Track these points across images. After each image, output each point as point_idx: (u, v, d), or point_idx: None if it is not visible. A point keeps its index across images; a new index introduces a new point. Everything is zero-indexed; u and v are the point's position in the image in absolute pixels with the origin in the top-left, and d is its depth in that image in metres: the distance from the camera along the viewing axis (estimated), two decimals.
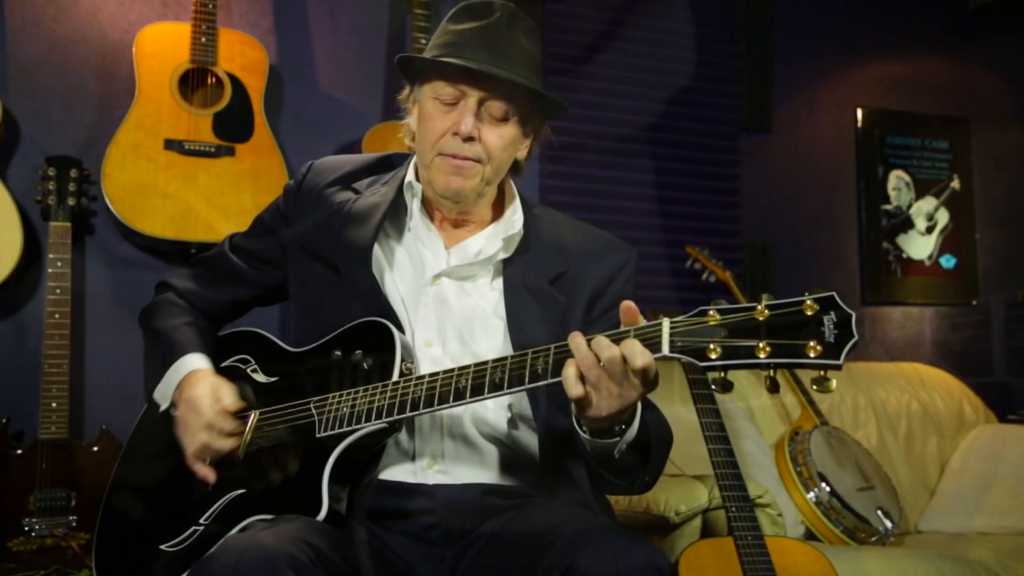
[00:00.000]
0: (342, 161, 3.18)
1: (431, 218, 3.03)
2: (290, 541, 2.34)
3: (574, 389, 2.33)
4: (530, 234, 3.00)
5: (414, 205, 2.99)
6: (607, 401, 2.35)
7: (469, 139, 2.81)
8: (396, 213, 3.02)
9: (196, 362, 2.97)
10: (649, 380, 2.32)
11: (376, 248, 2.94)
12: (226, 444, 2.78)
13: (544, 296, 2.91)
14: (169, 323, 3.13)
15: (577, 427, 2.54)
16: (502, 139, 2.86)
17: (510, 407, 2.87)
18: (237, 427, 2.79)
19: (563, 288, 2.94)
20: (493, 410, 2.84)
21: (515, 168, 3.04)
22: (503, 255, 2.94)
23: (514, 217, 3.02)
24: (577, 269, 2.98)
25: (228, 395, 2.82)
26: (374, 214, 2.94)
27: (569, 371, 2.34)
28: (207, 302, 3.25)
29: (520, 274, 2.93)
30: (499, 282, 2.95)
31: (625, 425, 2.52)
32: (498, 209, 3.08)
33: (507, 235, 2.95)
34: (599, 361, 2.30)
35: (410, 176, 2.99)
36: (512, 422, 2.87)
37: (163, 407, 2.98)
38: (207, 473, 2.81)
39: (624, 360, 2.28)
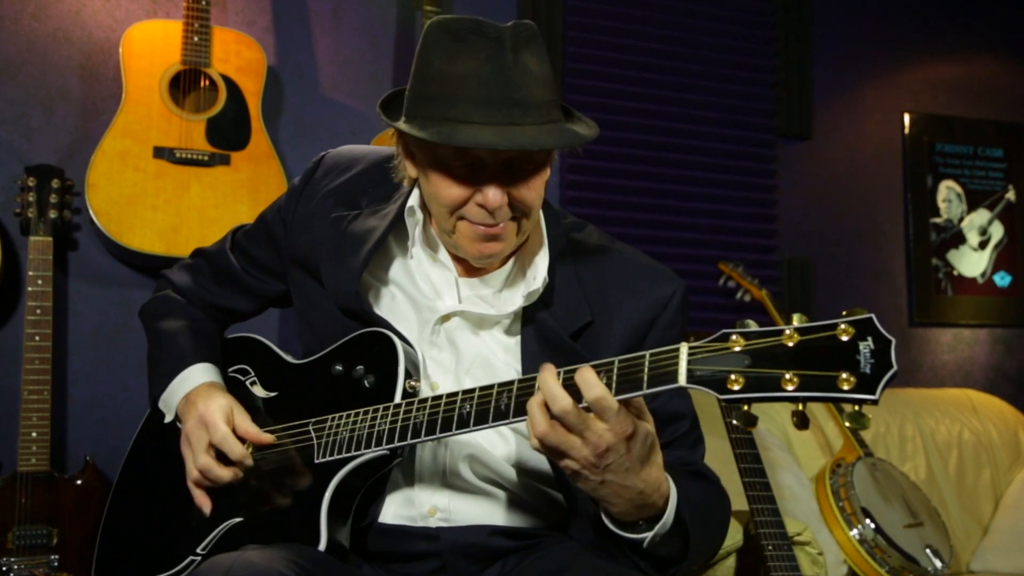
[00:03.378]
0: (355, 158, 3.10)
1: (440, 244, 2.90)
2: (280, 560, 2.36)
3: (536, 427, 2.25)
4: (556, 274, 2.83)
5: (416, 232, 2.89)
6: (574, 464, 2.27)
7: (500, 207, 2.60)
8: (398, 236, 2.95)
9: (204, 374, 3.00)
10: (609, 418, 2.21)
11: (373, 277, 2.95)
12: (227, 474, 2.79)
13: (565, 352, 2.73)
14: (173, 324, 3.16)
15: (604, 516, 2.46)
16: (536, 189, 2.65)
17: (516, 457, 2.81)
18: (243, 455, 2.79)
19: (589, 342, 2.79)
20: (496, 458, 2.80)
21: None
22: (524, 305, 2.78)
23: (538, 259, 2.82)
24: (606, 317, 2.81)
25: (242, 419, 2.83)
26: (368, 240, 2.88)
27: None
28: (203, 303, 3.27)
29: (540, 325, 2.79)
30: (517, 330, 2.84)
31: (652, 520, 2.43)
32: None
33: (529, 290, 2.77)
34: (554, 419, 2.23)
35: (413, 200, 2.87)
36: (518, 467, 2.82)
37: (168, 419, 3.01)
38: (204, 502, 2.84)
39: (579, 403, 2.21)
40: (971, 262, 7.43)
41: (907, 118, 7.34)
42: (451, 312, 2.84)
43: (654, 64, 6.54)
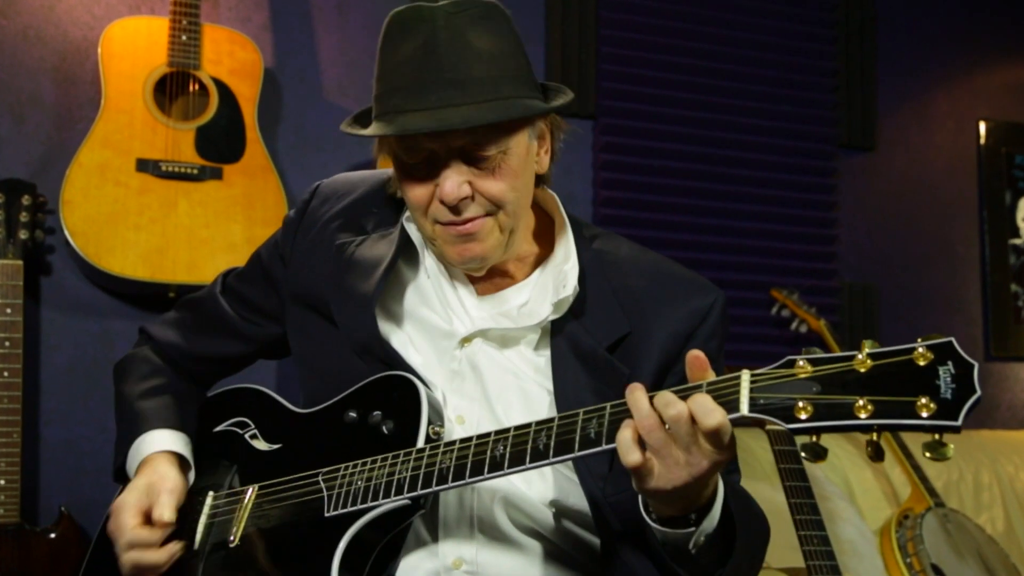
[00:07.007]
0: (352, 183, 3.12)
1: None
2: None
3: (630, 456, 2.22)
4: (586, 284, 2.84)
5: (421, 244, 2.92)
6: (672, 471, 2.23)
7: (463, 200, 2.64)
8: (409, 257, 2.97)
9: (160, 441, 2.98)
10: (723, 445, 2.20)
11: (385, 305, 2.93)
12: (159, 557, 2.80)
13: (601, 366, 2.77)
14: (138, 387, 3.15)
15: (644, 514, 2.44)
16: (503, 180, 2.66)
17: (554, 497, 2.77)
18: (166, 534, 2.81)
19: (626, 355, 2.80)
20: (532, 501, 2.76)
21: (539, 181, 2.89)
22: (553, 317, 2.79)
23: (567, 267, 2.83)
24: (643, 328, 2.81)
25: (164, 504, 2.82)
26: (378, 264, 2.89)
27: (625, 434, 2.23)
28: (191, 358, 3.26)
29: (572, 338, 2.79)
30: (546, 345, 2.83)
31: (701, 513, 2.41)
32: (544, 241, 2.94)
33: (558, 298, 2.77)
34: (663, 421, 2.20)
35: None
36: (557, 513, 2.78)
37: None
38: None
39: (693, 420, 2.17)
40: None
41: (983, 127, 7.34)
42: (472, 333, 2.84)
43: (699, 66, 6.53)
